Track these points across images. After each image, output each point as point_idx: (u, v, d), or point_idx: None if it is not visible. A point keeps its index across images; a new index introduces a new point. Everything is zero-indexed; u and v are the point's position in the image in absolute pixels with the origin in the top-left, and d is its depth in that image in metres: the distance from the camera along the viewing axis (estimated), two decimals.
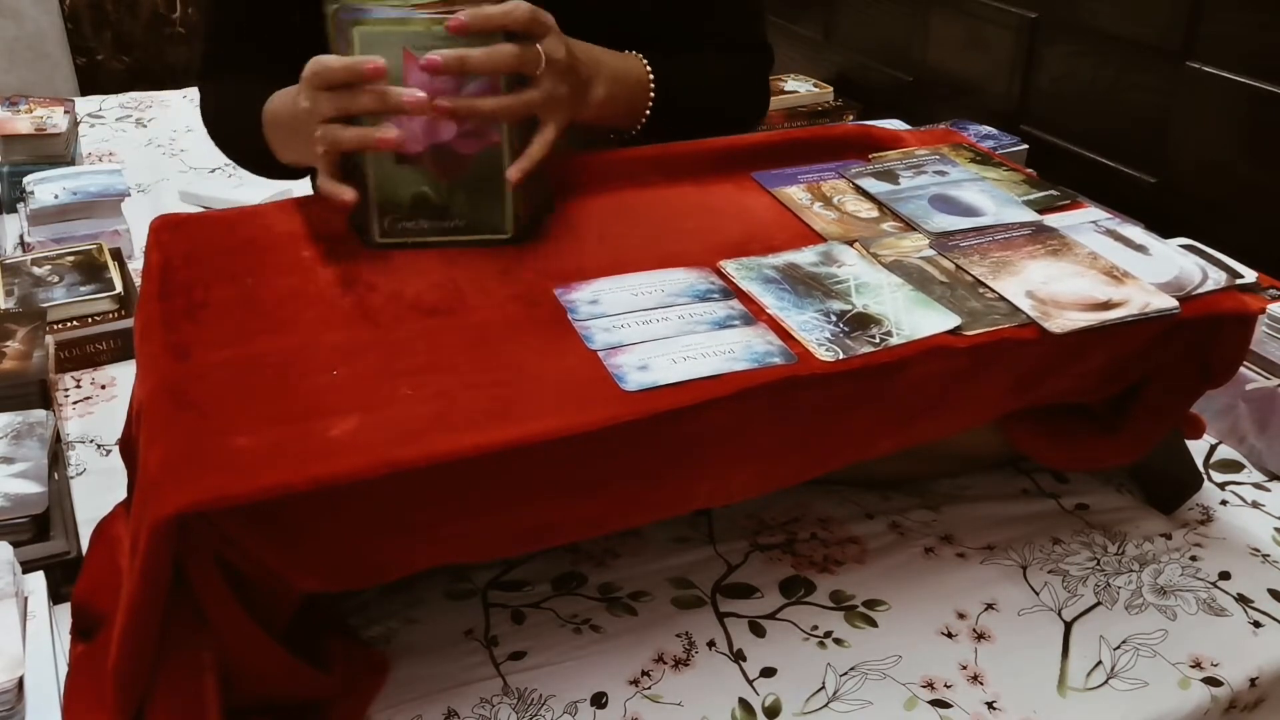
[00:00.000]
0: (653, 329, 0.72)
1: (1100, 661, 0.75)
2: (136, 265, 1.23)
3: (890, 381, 0.71)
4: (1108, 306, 0.76)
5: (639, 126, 0.97)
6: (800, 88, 2.15)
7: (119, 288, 1.12)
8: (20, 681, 0.66)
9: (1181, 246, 0.90)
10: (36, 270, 1.14)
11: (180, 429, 0.62)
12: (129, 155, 1.74)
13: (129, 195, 1.37)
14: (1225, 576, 0.83)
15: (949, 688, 0.73)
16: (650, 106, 0.96)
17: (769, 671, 0.74)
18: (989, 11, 1.80)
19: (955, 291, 0.77)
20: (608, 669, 0.73)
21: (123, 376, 1.07)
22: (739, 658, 0.75)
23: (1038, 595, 0.81)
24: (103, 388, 1.06)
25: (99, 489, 0.87)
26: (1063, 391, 0.80)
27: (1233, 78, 1.41)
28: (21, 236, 1.32)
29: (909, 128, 1.45)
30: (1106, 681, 0.74)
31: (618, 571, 0.82)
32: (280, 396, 0.65)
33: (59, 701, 0.66)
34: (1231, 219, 1.45)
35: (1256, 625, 0.79)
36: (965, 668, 0.75)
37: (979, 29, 1.84)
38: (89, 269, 1.15)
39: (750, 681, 0.73)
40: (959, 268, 0.80)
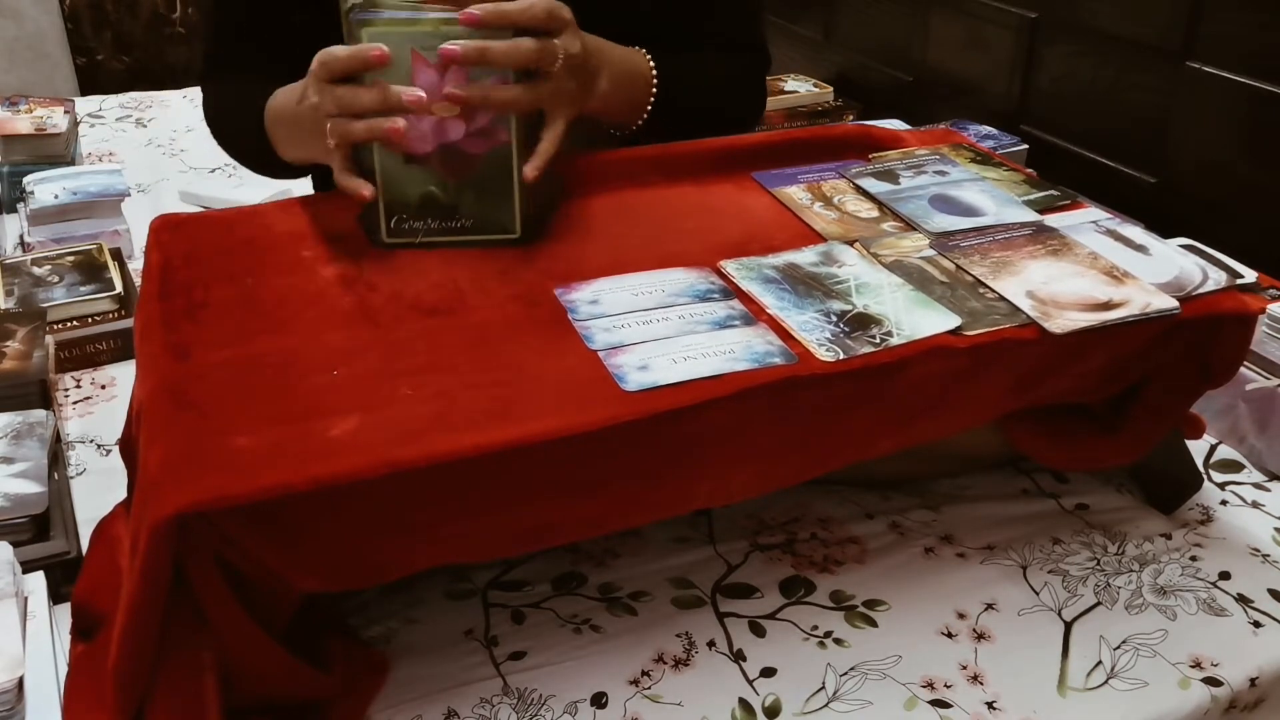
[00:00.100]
0: (653, 329, 0.72)
1: (1100, 661, 0.75)
2: (136, 265, 1.23)
3: (890, 381, 0.71)
4: (1108, 306, 0.76)
5: (640, 122, 0.97)
6: (800, 88, 2.15)
7: (119, 288, 1.12)
8: (20, 681, 0.66)
9: (1181, 246, 0.90)
10: (36, 270, 1.14)
11: (180, 429, 0.62)
12: (129, 155, 1.74)
13: (129, 195, 1.37)
14: (1225, 576, 0.83)
15: (949, 688, 0.73)
16: (652, 102, 0.96)
17: (769, 671, 0.74)
18: (989, 11, 1.80)
19: (955, 291, 0.77)
20: (608, 669, 0.73)
21: (123, 376, 1.07)
22: (739, 658, 0.75)
23: (1038, 595, 0.81)
24: (103, 388, 1.06)
25: (99, 489, 0.87)
26: (1063, 391, 0.80)
27: (1233, 78, 1.41)
28: (21, 236, 1.32)
29: (909, 128, 1.45)
30: (1106, 681, 0.74)
31: (618, 571, 0.82)
32: (280, 396, 0.65)
33: (59, 701, 0.66)
34: (1231, 219, 1.45)
35: (1256, 625, 0.79)
36: (965, 668, 0.75)
37: (979, 29, 1.84)
38: (89, 269, 1.15)
39: (750, 681, 0.73)
40: (959, 268, 0.80)
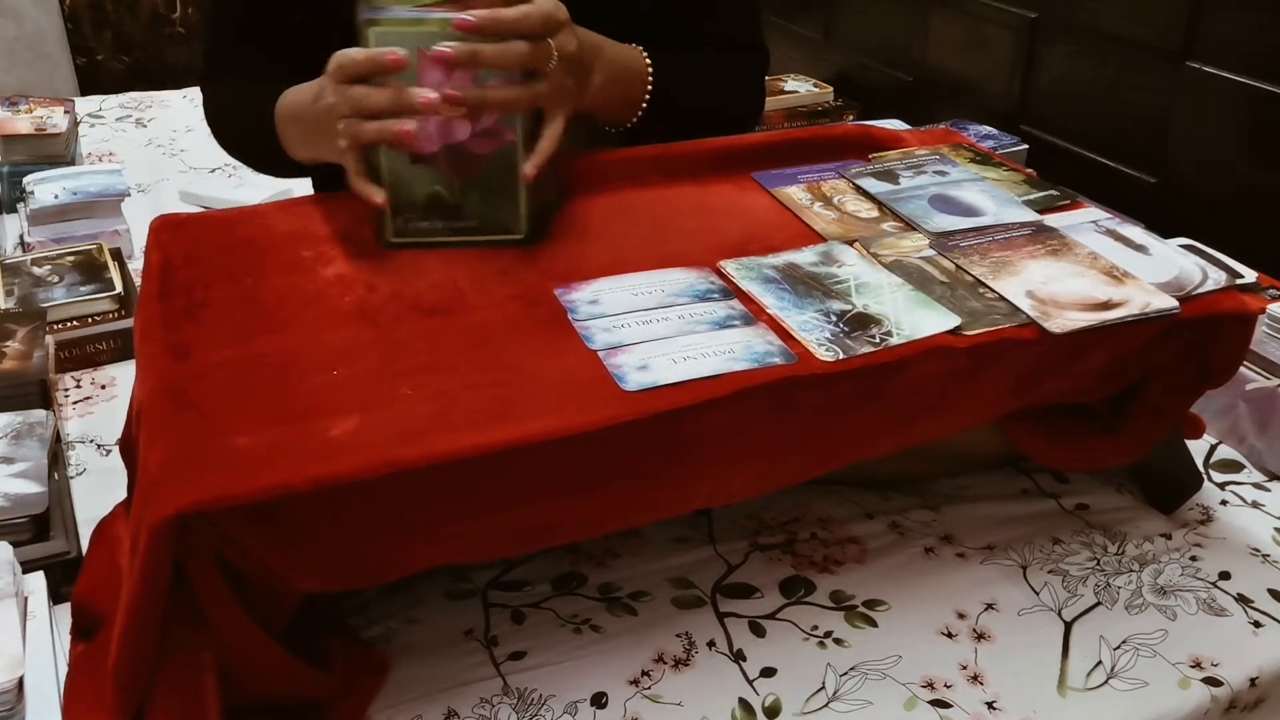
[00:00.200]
0: (653, 329, 0.72)
1: (1100, 661, 0.75)
2: (136, 265, 1.23)
3: (890, 381, 0.71)
4: (1108, 306, 0.76)
5: (635, 119, 0.96)
6: (800, 88, 2.15)
7: (119, 288, 1.12)
8: (20, 681, 0.66)
9: (1181, 246, 0.90)
10: (36, 270, 1.14)
11: (180, 429, 0.62)
12: (129, 155, 1.74)
13: (129, 195, 1.37)
14: (1225, 576, 0.83)
15: (949, 688, 0.73)
16: (647, 99, 0.95)
17: (769, 671, 0.74)
18: (989, 11, 1.80)
19: (955, 291, 0.77)
20: (608, 669, 0.73)
21: (123, 376, 1.07)
22: (739, 658, 0.75)
23: (1038, 595, 0.81)
24: (103, 388, 1.06)
25: (99, 489, 0.87)
26: (1063, 391, 0.80)
27: (1233, 78, 1.41)
28: (21, 236, 1.32)
29: (909, 128, 1.45)
30: (1106, 681, 0.74)
31: (618, 571, 0.82)
32: (280, 396, 0.65)
33: (59, 701, 0.66)
34: (1231, 219, 1.45)
35: (1256, 625, 0.79)
36: (965, 668, 0.75)
37: (979, 29, 1.84)
38: (89, 269, 1.15)
39: (750, 681, 0.73)
40: (959, 268, 0.80)
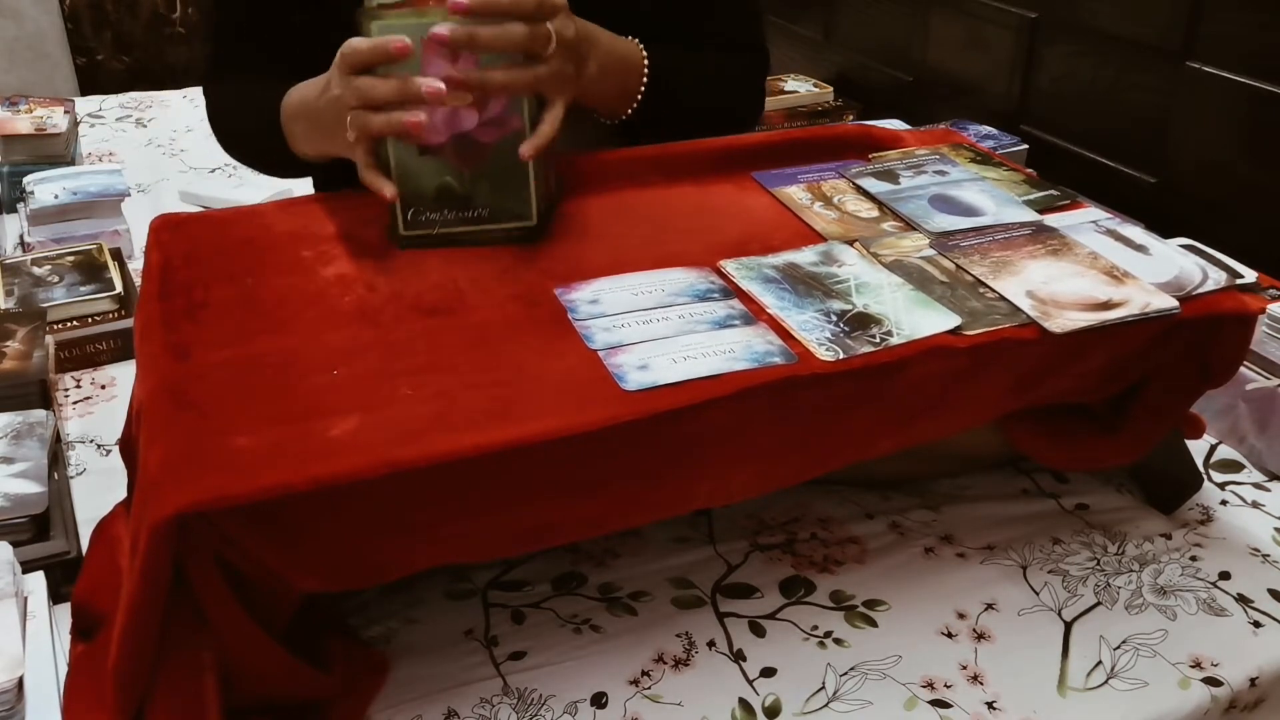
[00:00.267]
0: (653, 329, 0.72)
1: (1100, 661, 0.75)
2: (136, 265, 1.23)
3: (890, 381, 0.71)
4: (1108, 306, 0.76)
5: (629, 111, 0.96)
6: (800, 88, 2.15)
7: (119, 288, 1.12)
8: (20, 681, 0.66)
9: (1181, 246, 0.90)
10: (36, 270, 1.14)
11: (180, 429, 0.62)
12: (129, 155, 1.74)
13: (129, 195, 1.37)
14: (1225, 576, 0.83)
15: (949, 688, 0.73)
16: (642, 92, 0.95)
17: (769, 671, 0.74)
18: (989, 11, 1.80)
19: (955, 291, 0.77)
20: (608, 669, 0.73)
21: (123, 376, 1.07)
22: (739, 658, 0.75)
23: (1038, 595, 0.81)
24: (103, 388, 1.06)
25: (99, 489, 0.87)
26: (1063, 391, 0.80)
27: (1233, 78, 1.41)
28: (21, 236, 1.32)
29: (909, 128, 1.45)
30: (1106, 681, 0.74)
31: (618, 571, 0.82)
32: (280, 396, 0.65)
33: (59, 701, 0.66)
34: (1231, 219, 1.45)
35: (1256, 625, 0.79)
36: (965, 668, 0.75)
37: (979, 29, 1.84)
38: (89, 269, 1.15)
39: (750, 681, 0.73)
40: (959, 267, 0.80)
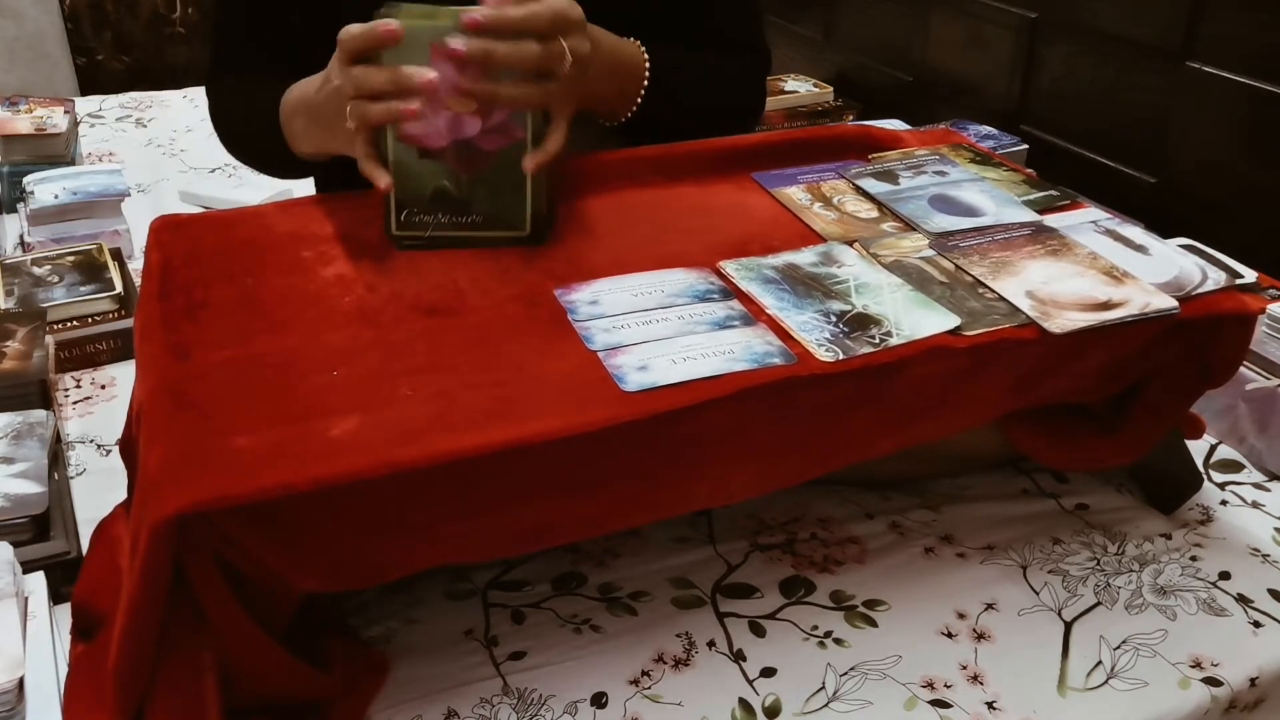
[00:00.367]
0: (652, 329, 0.72)
1: (1100, 661, 0.75)
2: (136, 265, 1.23)
3: (890, 382, 0.71)
4: (1108, 306, 0.76)
5: (630, 114, 0.95)
6: (800, 88, 2.15)
7: (119, 288, 1.12)
8: (20, 681, 0.66)
9: (1181, 246, 0.90)
10: (36, 270, 1.14)
11: (180, 429, 0.62)
12: (129, 155, 1.74)
13: (129, 195, 1.37)
14: (1225, 576, 0.83)
15: (949, 688, 0.73)
16: (643, 94, 0.94)
17: (769, 671, 0.74)
18: (989, 11, 1.80)
19: (955, 292, 0.77)
20: (608, 669, 0.73)
21: (123, 376, 1.07)
22: (739, 658, 0.75)
23: (1038, 595, 0.81)
24: (103, 388, 1.06)
25: (99, 489, 0.87)
26: (1063, 391, 0.80)
27: (1233, 78, 1.41)
28: (21, 236, 1.32)
29: (909, 128, 1.45)
30: (1106, 681, 0.74)
31: (618, 571, 0.82)
32: (280, 396, 0.65)
33: (59, 701, 0.66)
34: (1231, 219, 1.45)
35: (1256, 625, 0.79)
36: (965, 668, 0.75)
37: (979, 29, 1.84)
38: (89, 269, 1.15)
39: (750, 681, 0.73)
40: (959, 268, 0.80)
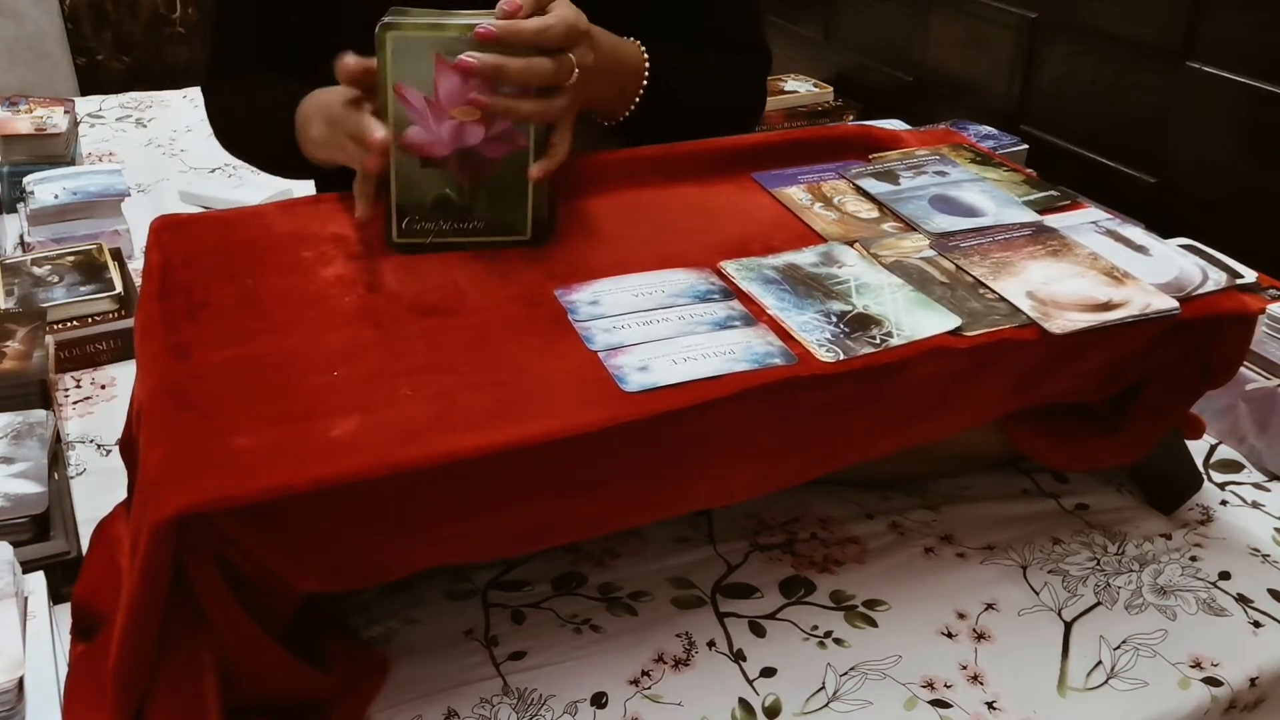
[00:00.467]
0: (653, 330, 0.72)
1: (1100, 661, 0.75)
2: (136, 265, 1.23)
3: (890, 382, 0.71)
4: (1108, 307, 0.76)
5: (628, 113, 0.95)
6: (800, 88, 2.15)
7: (119, 288, 1.12)
8: (20, 681, 0.66)
9: (1181, 246, 0.90)
10: (36, 270, 1.14)
11: (180, 429, 0.62)
12: (129, 155, 1.74)
13: (129, 195, 1.37)
14: (1225, 576, 0.83)
15: (949, 688, 0.73)
16: (642, 94, 0.94)
17: (769, 671, 0.74)
18: (989, 11, 1.80)
19: (955, 292, 0.77)
20: (608, 669, 0.73)
21: (123, 376, 1.07)
22: (739, 658, 0.75)
23: (1038, 595, 0.81)
24: (103, 388, 1.06)
25: (99, 489, 0.87)
26: (1063, 392, 0.80)
27: (1233, 78, 1.41)
28: (21, 236, 1.32)
29: (909, 128, 1.45)
30: (1106, 681, 0.74)
31: (618, 571, 0.82)
32: (280, 396, 0.65)
33: (59, 701, 0.66)
34: (1231, 219, 1.45)
35: (1256, 625, 0.79)
36: (965, 668, 0.75)
37: (979, 29, 1.84)
38: (89, 269, 1.15)
39: (750, 681, 0.73)
40: (959, 268, 0.80)
